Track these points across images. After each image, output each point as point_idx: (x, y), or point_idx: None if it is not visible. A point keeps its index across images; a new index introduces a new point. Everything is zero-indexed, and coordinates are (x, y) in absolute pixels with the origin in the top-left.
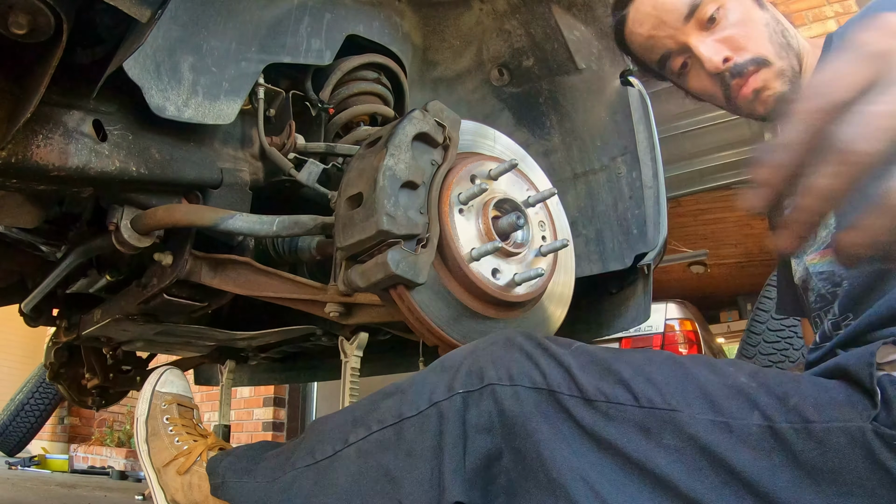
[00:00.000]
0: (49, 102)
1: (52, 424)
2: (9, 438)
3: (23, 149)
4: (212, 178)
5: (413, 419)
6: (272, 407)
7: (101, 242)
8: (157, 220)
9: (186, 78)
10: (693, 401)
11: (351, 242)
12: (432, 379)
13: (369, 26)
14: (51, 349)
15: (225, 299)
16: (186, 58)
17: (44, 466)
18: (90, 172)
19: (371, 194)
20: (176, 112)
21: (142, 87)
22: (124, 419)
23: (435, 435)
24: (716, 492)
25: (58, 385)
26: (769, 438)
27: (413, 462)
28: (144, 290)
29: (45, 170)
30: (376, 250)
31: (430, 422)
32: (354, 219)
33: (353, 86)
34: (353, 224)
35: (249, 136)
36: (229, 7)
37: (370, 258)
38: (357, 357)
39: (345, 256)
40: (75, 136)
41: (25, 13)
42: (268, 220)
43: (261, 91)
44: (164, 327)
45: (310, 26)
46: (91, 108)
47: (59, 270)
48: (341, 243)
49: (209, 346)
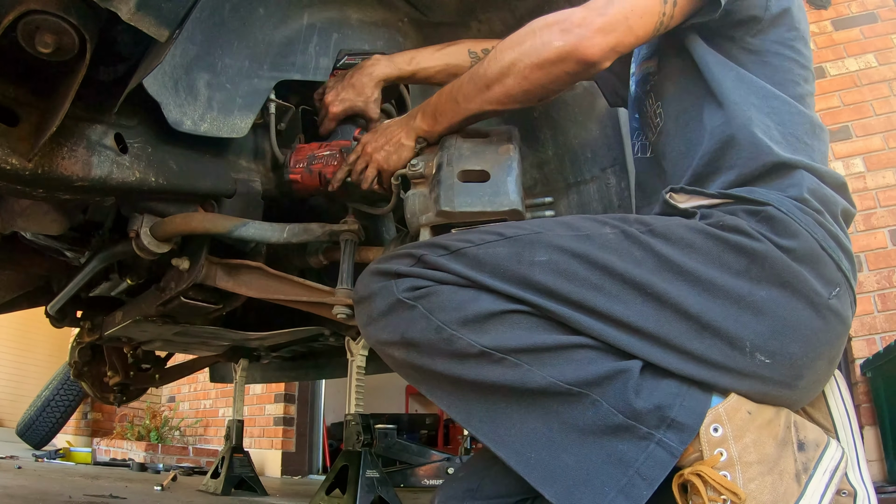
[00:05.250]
0: (73, 117)
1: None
2: (36, 432)
3: (49, 160)
4: (226, 188)
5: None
6: (283, 403)
7: (123, 248)
8: (174, 227)
9: (202, 94)
10: (553, 226)
11: (471, 210)
12: None
13: (374, 45)
14: (75, 349)
15: (238, 302)
16: (202, 75)
17: (68, 459)
18: (112, 183)
19: (504, 177)
20: (192, 126)
21: (160, 103)
22: (144, 414)
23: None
24: (594, 290)
25: (81, 382)
26: (625, 241)
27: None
28: (163, 293)
29: (70, 180)
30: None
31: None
32: (476, 192)
33: None
34: (473, 195)
35: (262, 148)
36: (243, 27)
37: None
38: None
39: (448, 220)
40: (98, 148)
41: (52, 33)
42: (279, 228)
43: (272, 106)
44: (181, 328)
45: (318, 45)
46: (113, 123)
47: (82, 275)
48: (452, 208)
49: (224, 345)
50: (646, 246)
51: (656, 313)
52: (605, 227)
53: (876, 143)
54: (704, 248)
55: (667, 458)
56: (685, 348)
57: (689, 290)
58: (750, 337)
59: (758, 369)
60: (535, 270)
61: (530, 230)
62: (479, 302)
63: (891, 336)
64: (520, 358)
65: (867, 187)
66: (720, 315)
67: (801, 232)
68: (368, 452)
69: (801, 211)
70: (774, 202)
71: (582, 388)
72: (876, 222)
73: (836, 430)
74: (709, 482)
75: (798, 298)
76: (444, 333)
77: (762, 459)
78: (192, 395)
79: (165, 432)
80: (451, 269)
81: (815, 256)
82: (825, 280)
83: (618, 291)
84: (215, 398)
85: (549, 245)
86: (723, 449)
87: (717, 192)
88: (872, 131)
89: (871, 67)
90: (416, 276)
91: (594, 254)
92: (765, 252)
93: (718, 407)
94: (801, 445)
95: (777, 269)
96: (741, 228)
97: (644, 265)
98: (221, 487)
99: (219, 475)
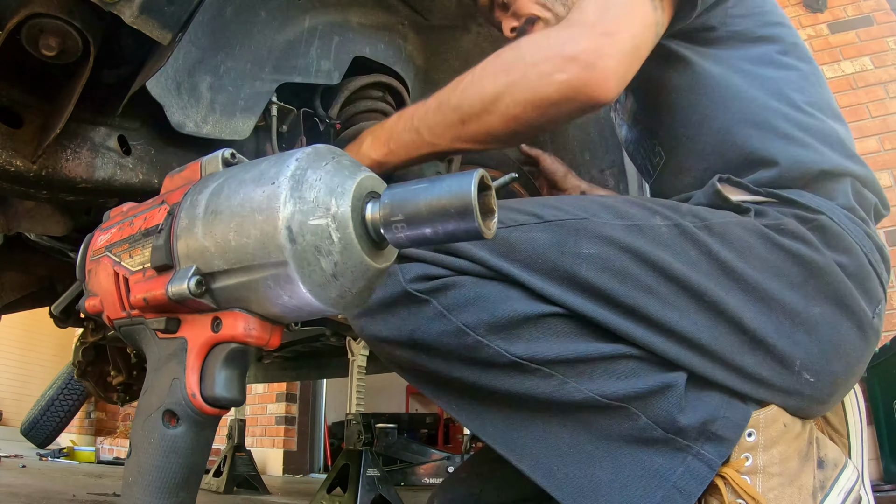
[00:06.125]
0: (77, 119)
1: (80, 419)
2: (40, 432)
3: (53, 162)
4: None
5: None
6: (284, 402)
7: None
8: None
9: (205, 96)
10: (597, 210)
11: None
12: None
13: (375, 48)
14: (79, 349)
15: None
16: (205, 78)
17: (72, 457)
18: (115, 184)
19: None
20: (195, 128)
21: (163, 105)
22: None
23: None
24: (647, 293)
25: (85, 382)
26: (679, 236)
27: None
28: None
29: (74, 182)
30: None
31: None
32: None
33: (360, 104)
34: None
35: (263, 150)
36: (245, 31)
37: None
38: (363, 356)
39: None
40: (101, 150)
41: (55, 36)
42: None
43: (274, 109)
44: None
45: (320, 48)
46: (116, 125)
47: None
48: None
49: None
50: (702, 245)
51: (711, 324)
52: (655, 217)
53: (871, 145)
54: (763, 254)
55: (705, 471)
56: (736, 363)
57: (745, 301)
58: (801, 356)
59: (801, 387)
60: (581, 265)
61: (573, 214)
62: (511, 301)
63: (887, 336)
64: (555, 369)
65: None
66: (775, 331)
67: (853, 246)
68: (369, 451)
69: (851, 221)
70: (827, 211)
71: (622, 402)
72: None
73: (850, 435)
74: (731, 484)
75: (847, 317)
76: (467, 339)
77: (784, 472)
78: None
79: None
80: (473, 256)
81: (864, 273)
82: (870, 297)
83: (673, 297)
84: None
85: (598, 235)
86: (750, 455)
87: (764, 191)
88: (868, 133)
89: (867, 70)
90: (428, 262)
91: (647, 250)
92: (825, 266)
93: (759, 413)
94: (821, 463)
95: (833, 285)
96: (801, 236)
97: (700, 267)
98: (224, 486)
99: (221, 474)
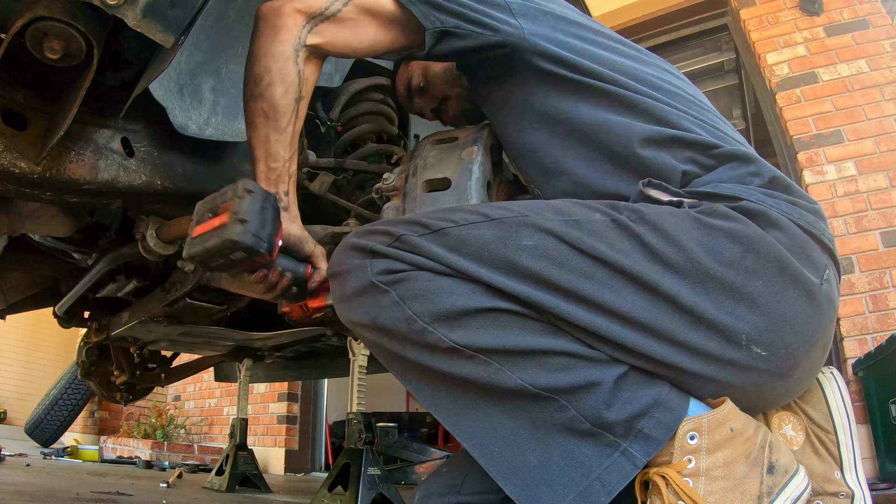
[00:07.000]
0: (81, 121)
1: (84, 418)
2: (44, 431)
3: (57, 164)
4: None
5: None
6: (286, 402)
7: (129, 250)
8: (180, 229)
9: (207, 99)
10: (541, 209)
11: None
12: None
13: None
14: (82, 348)
15: (242, 303)
16: (207, 80)
17: (76, 456)
18: (119, 186)
19: (465, 182)
20: (197, 130)
21: (166, 108)
22: (150, 413)
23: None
24: (584, 277)
25: (89, 381)
26: (615, 229)
27: None
28: (168, 294)
29: (78, 183)
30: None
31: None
32: (439, 200)
33: (361, 106)
34: (436, 204)
35: None
36: (247, 34)
37: None
38: (364, 356)
39: None
40: (105, 152)
41: (59, 39)
42: None
43: None
44: (186, 328)
45: None
46: (119, 127)
47: (89, 276)
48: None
49: (228, 345)
50: (637, 236)
51: (649, 304)
52: (595, 213)
53: (867, 147)
54: (697, 236)
55: (629, 468)
56: (679, 339)
57: (681, 283)
58: (746, 330)
59: (754, 362)
60: (521, 255)
61: (517, 212)
62: (455, 296)
63: (882, 336)
64: (491, 357)
65: (859, 190)
66: (714, 307)
67: (780, 220)
68: (370, 450)
69: (771, 197)
70: (744, 195)
71: (551, 393)
72: (867, 224)
73: (836, 430)
74: (671, 485)
75: (793, 287)
76: (415, 325)
77: (728, 476)
78: (197, 394)
79: (171, 430)
80: (429, 253)
81: (800, 242)
82: (813, 264)
83: (608, 280)
84: (220, 397)
85: (537, 229)
86: (693, 457)
87: (685, 192)
88: (864, 135)
89: (863, 73)
90: (392, 258)
91: (583, 240)
92: (760, 238)
93: (703, 417)
94: (771, 468)
95: (771, 257)
96: (733, 217)
97: (634, 256)
98: (226, 484)
99: (223, 472)
